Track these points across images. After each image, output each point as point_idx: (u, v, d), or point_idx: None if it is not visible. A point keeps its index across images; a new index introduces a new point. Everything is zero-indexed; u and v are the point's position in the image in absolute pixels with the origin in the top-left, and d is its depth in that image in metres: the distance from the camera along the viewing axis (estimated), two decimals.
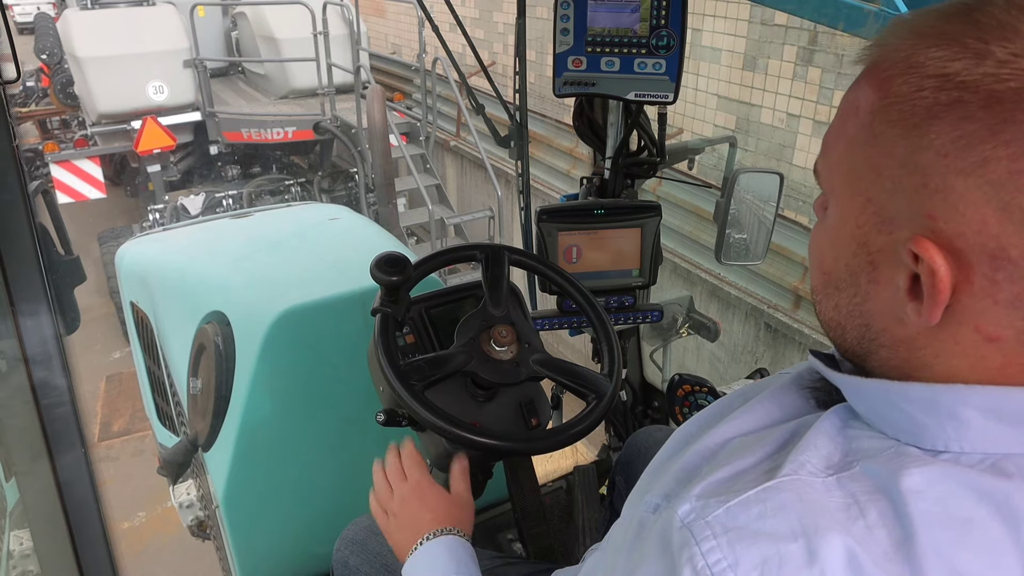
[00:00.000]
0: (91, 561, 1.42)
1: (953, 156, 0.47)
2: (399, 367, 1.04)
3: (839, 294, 0.57)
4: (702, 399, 1.33)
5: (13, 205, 1.20)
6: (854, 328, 0.56)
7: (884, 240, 0.51)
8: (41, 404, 1.31)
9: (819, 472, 0.50)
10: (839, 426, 0.55)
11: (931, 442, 0.50)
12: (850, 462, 0.51)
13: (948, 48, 0.48)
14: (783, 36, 4.43)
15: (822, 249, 0.58)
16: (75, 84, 6.81)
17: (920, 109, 0.48)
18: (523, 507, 1.32)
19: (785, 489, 0.49)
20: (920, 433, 0.51)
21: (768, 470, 0.52)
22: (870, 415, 0.54)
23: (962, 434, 0.49)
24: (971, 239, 0.47)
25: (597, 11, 1.37)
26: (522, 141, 1.60)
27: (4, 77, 1.13)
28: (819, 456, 0.52)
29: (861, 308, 0.55)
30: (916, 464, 0.49)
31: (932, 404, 0.50)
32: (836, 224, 0.56)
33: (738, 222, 1.82)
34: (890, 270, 0.52)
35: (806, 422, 0.57)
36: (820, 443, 0.53)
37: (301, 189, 7.31)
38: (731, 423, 0.62)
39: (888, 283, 0.52)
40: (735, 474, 0.54)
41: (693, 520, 0.50)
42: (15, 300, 1.24)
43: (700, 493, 0.52)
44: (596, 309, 1.23)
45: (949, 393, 0.50)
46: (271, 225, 2.39)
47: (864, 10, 1.25)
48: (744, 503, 0.49)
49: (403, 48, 9.26)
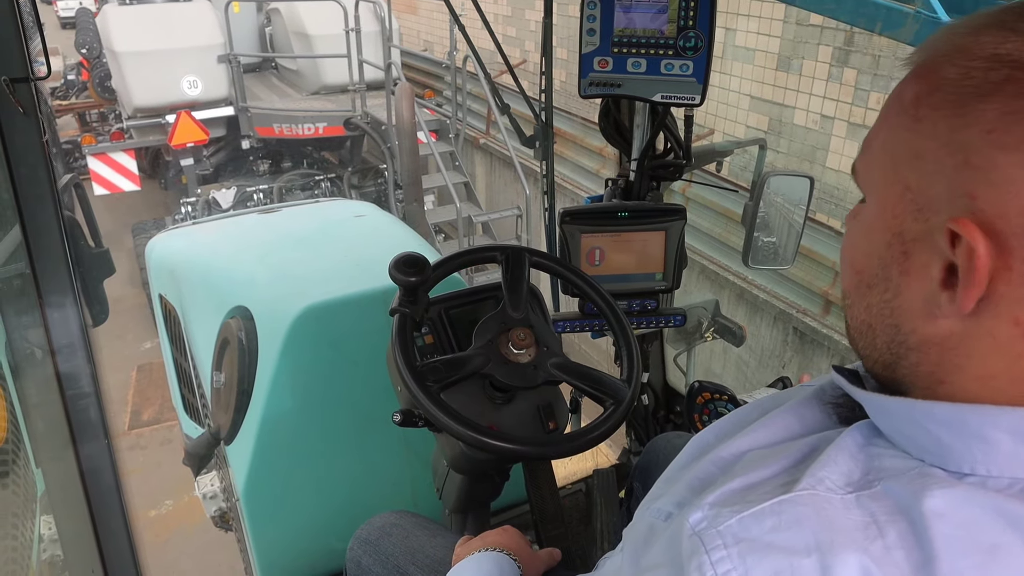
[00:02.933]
0: (112, 549, 1.44)
1: (1000, 132, 0.45)
2: (416, 368, 1.03)
3: (870, 293, 0.55)
4: (722, 407, 1.31)
5: (42, 200, 1.22)
6: (884, 329, 0.54)
7: (920, 227, 0.50)
8: (66, 395, 1.33)
9: (838, 489, 0.49)
10: (861, 443, 0.53)
11: (957, 464, 0.48)
12: (871, 481, 0.50)
13: (999, 33, 0.47)
14: (818, 36, 4.35)
15: (855, 247, 0.57)
16: (112, 78, 6.94)
17: (968, 89, 0.47)
18: (541, 509, 1.31)
19: (802, 503, 0.48)
20: (945, 454, 0.49)
21: (785, 483, 0.51)
22: (894, 434, 0.53)
23: (990, 457, 0.47)
24: (1013, 220, 0.45)
25: (624, 11, 1.35)
26: (547, 141, 1.59)
27: (36, 74, 1.15)
28: (839, 472, 0.50)
29: (891, 305, 0.53)
30: (940, 486, 0.47)
31: (959, 424, 0.48)
32: (871, 218, 0.55)
33: (767, 225, 1.79)
34: (924, 258, 0.50)
35: (827, 438, 0.56)
36: (841, 459, 0.51)
37: (331, 185, 7.36)
38: (750, 435, 0.61)
39: (921, 274, 0.50)
40: (750, 485, 0.52)
41: (704, 528, 0.49)
42: (43, 292, 1.27)
43: (713, 502, 0.51)
44: (616, 313, 1.22)
45: (976, 414, 0.48)
46: (297, 221, 2.41)
47: (902, 12, 1.22)
48: (758, 514, 0.48)
49: (435, 45, 9.29)
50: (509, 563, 0.94)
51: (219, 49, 6.62)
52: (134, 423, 5.06)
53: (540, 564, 1.03)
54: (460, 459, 1.17)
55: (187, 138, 6.48)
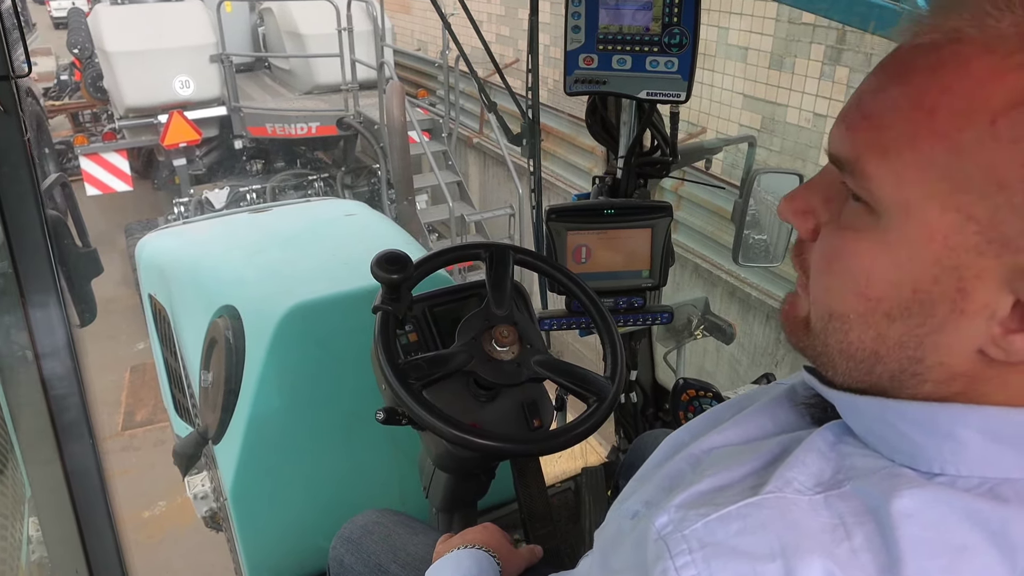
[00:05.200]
0: (98, 550, 1.44)
1: None
2: (398, 365, 1.03)
3: (890, 324, 0.48)
4: (707, 404, 1.31)
5: (24, 199, 1.21)
6: (896, 361, 0.49)
7: (988, 264, 0.43)
8: (50, 395, 1.33)
9: (806, 490, 0.48)
10: (832, 442, 0.53)
11: (927, 464, 0.47)
12: (840, 480, 0.49)
13: None
14: (811, 35, 4.36)
15: (868, 271, 0.48)
16: (104, 78, 6.92)
17: None
18: (530, 508, 1.31)
19: (768, 506, 0.47)
20: (916, 454, 0.48)
21: (753, 485, 0.50)
22: (865, 433, 0.52)
23: (959, 456, 0.46)
24: None
25: (608, 8, 1.35)
26: (534, 139, 1.59)
27: (16, 72, 1.15)
28: (807, 473, 0.50)
29: (923, 340, 0.47)
30: (909, 486, 0.46)
31: (929, 424, 0.48)
32: (903, 243, 0.46)
33: (757, 223, 1.80)
34: (989, 298, 0.44)
35: (798, 437, 0.55)
36: (809, 460, 0.51)
37: (324, 184, 7.35)
38: (722, 433, 0.61)
39: (979, 313, 0.45)
40: (719, 487, 0.52)
41: (670, 532, 0.48)
42: (25, 292, 1.26)
43: (680, 503, 0.50)
44: (600, 310, 1.22)
45: (947, 412, 0.47)
46: (287, 220, 2.41)
47: (894, 11, 1.22)
48: (724, 518, 0.47)
49: (429, 45, 9.27)
50: (488, 560, 0.94)
51: (211, 49, 6.59)
52: (127, 424, 5.04)
53: (521, 561, 1.02)
54: (445, 457, 1.17)
55: (179, 138, 6.45)
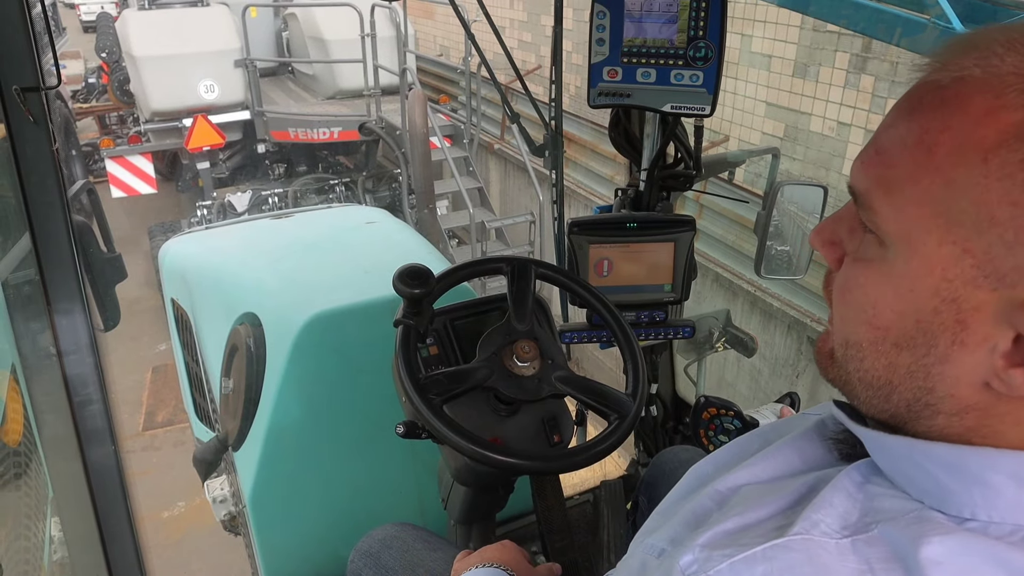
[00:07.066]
0: (118, 550, 1.45)
1: None
2: (419, 380, 1.03)
3: (898, 353, 0.49)
4: (728, 422, 1.29)
5: (51, 207, 1.23)
6: (909, 390, 0.49)
7: (985, 297, 0.43)
8: (74, 399, 1.34)
9: (834, 533, 0.47)
10: (859, 482, 0.51)
11: (957, 508, 0.46)
12: (868, 524, 0.48)
13: None
14: (835, 42, 4.32)
15: (875, 301, 0.49)
16: (131, 82, 7.01)
17: None
18: (548, 520, 1.31)
19: (795, 549, 0.46)
20: (946, 497, 0.46)
21: (779, 526, 0.49)
22: (894, 473, 0.50)
23: (991, 502, 0.45)
24: None
25: (633, 21, 1.35)
26: (556, 151, 1.58)
27: (46, 84, 1.17)
28: (835, 515, 0.48)
29: (930, 370, 0.47)
30: (938, 532, 0.44)
31: (959, 467, 0.46)
32: (905, 275, 0.47)
33: (780, 235, 1.78)
34: (988, 330, 0.44)
35: (826, 476, 0.54)
36: (837, 500, 0.50)
37: (345, 189, 7.39)
38: (748, 468, 0.59)
39: (979, 345, 0.45)
40: (744, 526, 0.51)
41: (695, 573, 0.47)
42: (51, 299, 1.28)
43: (705, 543, 0.49)
44: (622, 326, 1.21)
45: (977, 455, 0.46)
46: (308, 227, 2.42)
47: (921, 23, 1.21)
48: (749, 560, 0.46)
49: (451, 50, 9.31)
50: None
51: (236, 54, 6.67)
52: (148, 424, 5.09)
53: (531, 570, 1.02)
54: (464, 471, 1.17)
55: (203, 142, 6.53)
